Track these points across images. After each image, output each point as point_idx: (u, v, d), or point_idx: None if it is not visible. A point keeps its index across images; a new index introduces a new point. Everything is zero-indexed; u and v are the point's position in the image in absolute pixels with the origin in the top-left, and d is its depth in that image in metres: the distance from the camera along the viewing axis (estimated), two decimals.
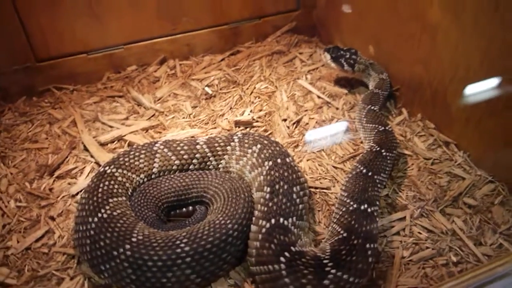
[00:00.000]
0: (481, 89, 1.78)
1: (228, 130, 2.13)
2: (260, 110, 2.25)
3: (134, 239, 1.39)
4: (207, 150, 1.81)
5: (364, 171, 1.70)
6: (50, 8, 2.24)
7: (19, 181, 1.86)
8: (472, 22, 1.74)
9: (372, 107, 2.06)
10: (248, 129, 2.14)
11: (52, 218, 1.70)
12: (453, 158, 1.90)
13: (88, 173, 1.91)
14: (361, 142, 2.04)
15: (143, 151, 1.78)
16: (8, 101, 2.33)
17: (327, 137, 2.07)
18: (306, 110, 2.24)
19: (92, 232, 1.44)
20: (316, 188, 1.81)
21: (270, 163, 1.66)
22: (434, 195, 1.74)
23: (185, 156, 1.79)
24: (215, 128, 2.16)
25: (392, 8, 2.16)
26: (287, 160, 1.68)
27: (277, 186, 1.55)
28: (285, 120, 2.18)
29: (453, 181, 1.80)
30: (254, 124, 2.16)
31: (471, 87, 1.82)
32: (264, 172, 1.64)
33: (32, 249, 1.59)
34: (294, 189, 1.56)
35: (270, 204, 1.49)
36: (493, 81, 1.72)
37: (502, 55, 1.66)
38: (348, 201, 1.58)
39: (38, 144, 2.06)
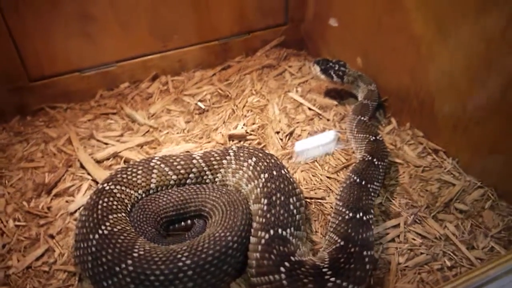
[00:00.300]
0: (465, 97, 1.84)
1: (222, 144, 2.16)
2: (253, 123, 2.28)
3: (135, 254, 1.41)
4: (203, 164, 1.83)
5: (358, 180, 1.74)
6: (43, 28, 2.25)
7: (17, 200, 1.87)
8: (454, 34, 1.81)
9: (362, 118, 2.10)
10: (242, 142, 2.18)
11: (52, 236, 1.71)
12: (442, 165, 1.95)
13: (86, 191, 1.92)
14: (353, 152, 2.08)
15: (140, 167, 1.80)
16: (2, 121, 2.34)
17: (319, 148, 2.11)
18: (298, 122, 2.29)
19: (93, 249, 1.45)
20: (311, 198, 1.85)
21: (266, 175, 1.70)
22: (426, 201, 1.78)
23: (182, 171, 1.82)
24: (209, 142, 2.19)
25: (377, 21, 2.22)
26: (283, 172, 1.72)
27: (274, 198, 1.58)
28: (278, 132, 2.22)
29: (444, 188, 1.84)
30: (248, 137, 2.20)
31: (456, 95, 1.88)
32: (261, 185, 1.68)
33: (33, 267, 1.60)
34: (291, 200, 1.59)
35: (268, 215, 1.52)
36: (477, 90, 1.78)
37: (483, 64, 1.72)
38: (343, 210, 1.61)
39: (34, 163, 2.06)
